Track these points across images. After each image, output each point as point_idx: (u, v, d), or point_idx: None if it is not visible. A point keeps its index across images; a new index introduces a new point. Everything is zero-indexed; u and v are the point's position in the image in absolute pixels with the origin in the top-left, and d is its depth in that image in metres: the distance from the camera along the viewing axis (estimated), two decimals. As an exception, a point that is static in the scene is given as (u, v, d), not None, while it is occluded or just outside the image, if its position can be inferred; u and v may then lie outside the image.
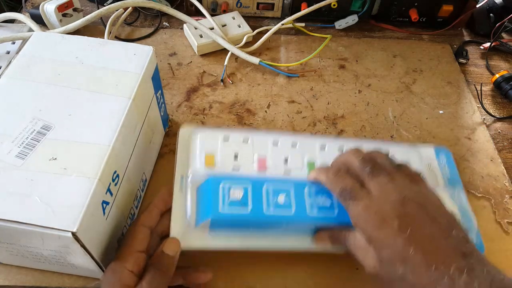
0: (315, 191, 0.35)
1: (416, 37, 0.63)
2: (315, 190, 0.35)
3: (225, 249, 0.35)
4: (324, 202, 0.34)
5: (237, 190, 0.34)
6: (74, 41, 0.37)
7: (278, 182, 0.35)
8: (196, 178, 0.36)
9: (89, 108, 0.33)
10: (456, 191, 0.41)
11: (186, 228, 0.34)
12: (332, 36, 0.59)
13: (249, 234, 0.35)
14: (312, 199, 0.34)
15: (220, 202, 0.33)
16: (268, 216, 0.33)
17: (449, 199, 0.40)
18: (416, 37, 0.63)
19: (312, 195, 0.35)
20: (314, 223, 0.35)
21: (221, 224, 0.34)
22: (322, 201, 0.34)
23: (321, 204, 0.34)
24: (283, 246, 0.36)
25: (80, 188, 0.28)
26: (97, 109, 0.33)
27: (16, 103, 0.32)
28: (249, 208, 0.33)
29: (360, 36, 0.62)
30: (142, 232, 0.32)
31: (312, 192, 0.35)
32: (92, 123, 0.32)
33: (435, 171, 0.42)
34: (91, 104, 0.33)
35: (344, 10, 0.61)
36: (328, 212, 0.34)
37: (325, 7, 0.59)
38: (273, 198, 0.34)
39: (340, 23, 0.61)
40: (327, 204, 0.34)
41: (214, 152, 0.37)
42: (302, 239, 0.36)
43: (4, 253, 0.32)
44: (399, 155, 0.37)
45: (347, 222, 0.32)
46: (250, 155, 0.37)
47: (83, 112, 0.32)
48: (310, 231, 0.36)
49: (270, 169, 0.37)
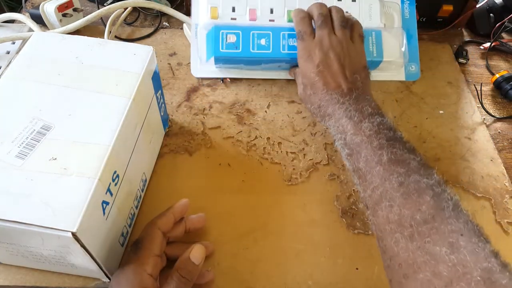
0: (288, 35, 0.49)
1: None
2: (288, 34, 0.49)
3: (226, 77, 0.52)
4: (293, 43, 0.48)
5: (231, 36, 0.48)
6: (74, 41, 0.37)
7: (262, 29, 0.49)
8: (204, 27, 0.49)
9: (89, 108, 0.33)
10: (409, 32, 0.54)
11: (199, 62, 0.51)
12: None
13: (244, 67, 0.51)
14: (285, 41, 0.48)
15: (220, 44, 0.48)
16: (253, 54, 0.48)
17: (404, 38, 0.53)
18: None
19: (285, 38, 0.49)
20: (285, 59, 0.49)
21: (221, 60, 0.49)
22: (292, 42, 0.48)
23: (291, 44, 0.48)
24: (269, 76, 0.52)
25: (80, 188, 0.28)
26: (97, 109, 0.33)
27: (16, 103, 0.32)
28: (240, 48, 0.48)
29: (360, 36, 0.62)
30: (159, 237, 0.33)
31: (285, 35, 0.49)
32: (92, 123, 0.32)
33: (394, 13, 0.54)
34: (91, 104, 0.33)
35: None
36: (296, 50, 0.46)
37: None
38: (257, 41, 0.48)
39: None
40: (296, 44, 0.46)
41: (217, 4, 0.49)
42: (281, 73, 0.52)
43: (4, 253, 0.32)
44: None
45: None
46: (244, 7, 0.50)
47: (83, 112, 0.32)
48: (287, 67, 0.51)
49: (259, 18, 0.50)
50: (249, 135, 0.47)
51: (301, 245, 0.39)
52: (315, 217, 0.41)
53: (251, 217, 0.41)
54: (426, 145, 0.48)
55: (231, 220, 0.40)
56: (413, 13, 0.56)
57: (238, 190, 0.42)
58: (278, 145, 0.47)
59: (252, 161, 0.45)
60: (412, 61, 0.55)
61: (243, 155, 0.45)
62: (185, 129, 0.47)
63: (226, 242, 0.39)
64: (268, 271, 0.37)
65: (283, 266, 0.38)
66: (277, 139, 0.47)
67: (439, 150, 0.48)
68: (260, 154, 0.46)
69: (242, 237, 0.39)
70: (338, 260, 0.38)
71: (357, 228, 0.41)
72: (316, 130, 0.49)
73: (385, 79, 0.55)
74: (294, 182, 0.44)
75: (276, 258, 0.38)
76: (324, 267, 0.38)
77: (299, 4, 0.50)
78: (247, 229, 0.40)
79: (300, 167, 0.45)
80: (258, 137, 0.47)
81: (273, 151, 0.46)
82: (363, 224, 0.41)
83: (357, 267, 0.38)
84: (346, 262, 0.38)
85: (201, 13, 0.50)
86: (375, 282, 0.37)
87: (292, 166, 0.45)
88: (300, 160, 0.45)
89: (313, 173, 0.44)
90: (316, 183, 0.44)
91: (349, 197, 0.43)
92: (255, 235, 0.39)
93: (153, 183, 0.42)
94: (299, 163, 0.45)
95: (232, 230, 0.39)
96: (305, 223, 0.41)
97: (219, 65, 0.51)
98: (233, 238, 0.39)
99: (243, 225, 0.40)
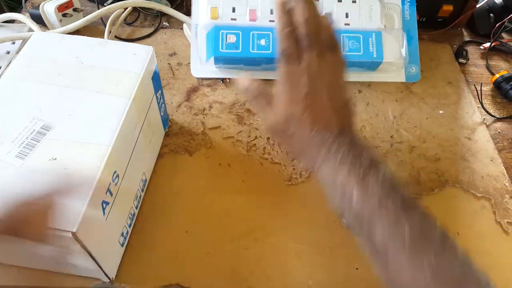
0: None
1: (416, 37, 0.63)
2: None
3: (226, 77, 0.52)
4: None
5: (231, 36, 0.48)
6: (74, 41, 0.37)
7: (262, 29, 0.49)
8: (205, 27, 0.50)
9: (89, 108, 0.33)
10: (410, 33, 0.55)
11: (199, 62, 0.51)
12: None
13: (244, 68, 0.51)
14: None
15: (220, 45, 0.48)
16: (253, 54, 0.48)
17: (404, 40, 0.53)
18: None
19: None
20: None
21: (221, 60, 0.49)
22: None
23: None
24: (269, 76, 0.51)
25: (80, 188, 0.28)
26: (97, 109, 0.33)
27: (16, 103, 0.32)
28: (240, 48, 0.48)
29: (360, 36, 0.62)
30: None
31: None
32: (92, 123, 0.32)
33: (394, 14, 0.54)
34: (91, 104, 0.33)
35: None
36: None
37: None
38: (257, 41, 0.48)
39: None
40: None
41: (217, 5, 0.49)
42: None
43: (4, 253, 0.32)
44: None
45: None
46: (244, 7, 0.50)
47: (83, 112, 0.32)
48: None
49: (259, 19, 0.49)
50: (249, 135, 0.47)
51: (301, 245, 0.39)
52: (315, 217, 0.41)
53: (251, 217, 0.41)
54: (426, 145, 0.48)
55: (231, 220, 0.40)
56: (413, 14, 0.56)
57: (238, 190, 0.42)
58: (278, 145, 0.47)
59: (252, 161, 0.45)
60: (412, 62, 0.55)
61: (243, 155, 0.45)
62: (185, 129, 0.47)
63: (226, 242, 0.39)
64: (268, 271, 0.37)
65: (283, 266, 0.38)
66: (277, 139, 0.47)
67: (439, 150, 0.48)
68: (260, 154, 0.46)
69: (242, 237, 0.39)
70: (338, 260, 0.38)
71: (357, 228, 0.41)
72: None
73: (385, 80, 0.55)
74: (294, 182, 0.44)
75: (276, 258, 0.38)
76: (324, 267, 0.38)
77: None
78: (247, 229, 0.40)
79: (300, 167, 0.45)
80: (258, 137, 0.47)
81: (273, 151, 0.46)
82: (363, 224, 0.41)
83: (357, 267, 0.38)
84: (346, 262, 0.38)
85: (201, 13, 0.50)
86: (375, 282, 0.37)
87: (292, 166, 0.45)
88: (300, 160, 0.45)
89: (313, 173, 0.44)
90: (316, 183, 0.44)
91: (349, 197, 0.43)
92: (255, 235, 0.39)
93: (153, 183, 0.42)
94: (299, 163, 0.45)
95: (232, 230, 0.39)
96: (305, 223, 0.41)
97: (219, 65, 0.51)
98: (233, 238, 0.39)
99: (243, 225, 0.40)
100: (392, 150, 0.47)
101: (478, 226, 0.42)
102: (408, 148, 0.48)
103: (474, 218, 0.42)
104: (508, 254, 0.40)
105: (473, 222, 0.42)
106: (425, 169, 0.46)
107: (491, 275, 0.37)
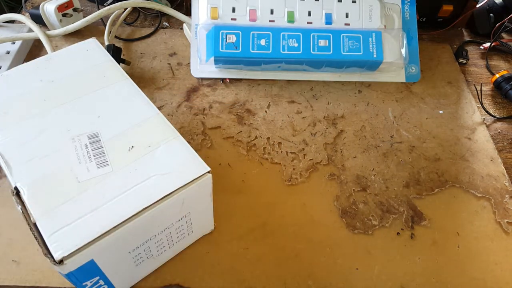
0: (288, 35, 0.48)
1: (416, 37, 0.63)
2: (287, 34, 0.48)
3: (226, 77, 0.52)
4: (293, 43, 0.48)
5: (231, 36, 0.48)
6: (22, 72, 0.34)
7: (262, 29, 0.48)
8: (204, 27, 0.49)
9: (105, 102, 0.33)
10: (410, 33, 0.55)
11: (199, 63, 0.51)
12: (332, 36, 0.59)
13: (244, 68, 0.51)
14: (285, 42, 0.48)
15: (220, 45, 0.48)
16: (253, 54, 0.48)
17: (404, 40, 0.53)
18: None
19: (285, 38, 0.48)
20: (285, 59, 0.49)
21: (221, 60, 0.49)
22: (292, 42, 0.48)
23: (291, 45, 0.48)
24: (269, 76, 0.52)
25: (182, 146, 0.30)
26: (113, 100, 0.33)
27: (44, 135, 0.30)
28: (240, 48, 0.48)
29: (360, 36, 0.62)
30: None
31: (285, 36, 0.49)
32: (125, 109, 0.32)
33: (394, 15, 0.54)
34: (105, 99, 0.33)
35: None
36: (295, 51, 0.48)
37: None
38: (257, 41, 0.48)
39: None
40: (296, 45, 0.48)
41: (217, 5, 0.49)
42: (281, 73, 0.52)
43: (127, 269, 0.31)
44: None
45: (308, 58, 0.49)
46: (244, 7, 0.49)
47: (105, 108, 0.32)
48: (287, 67, 0.51)
49: (259, 19, 0.49)
50: (249, 135, 0.47)
51: (301, 245, 0.39)
52: (315, 217, 0.41)
53: (251, 217, 0.41)
54: (426, 145, 0.48)
55: (231, 220, 0.40)
56: (413, 14, 0.56)
57: (238, 190, 0.42)
58: (278, 145, 0.47)
59: (252, 161, 0.45)
60: (412, 62, 0.55)
61: (243, 155, 0.45)
62: (185, 129, 0.47)
63: (226, 242, 0.39)
64: (268, 271, 0.37)
65: (283, 266, 0.38)
66: (277, 139, 0.47)
67: (439, 150, 0.48)
68: (260, 154, 0.46)
69: (242, 237, 0.39)
70: (338, 260, 0.38)
71: (357, 228, 0.41)
72: (316, 130, 0.49)
73: (385, 80, 0.55)
74: (294, 182, 0.44)
75: (276, 258, 0.38)
76: (324, 267, 0.38)
77: (299, 5, 0.51)
78: (247, 229, 0.40)
79: (300, 167, 0.45)
80: (258, 137, 0.47)
81: (273, 151, 0.46)
82: (363, 224, 0.41)
83: (357, 267, 0.38)
84: (346, 262, 0.38)
85: (201, 13, 0.50)
86: (375, 282, 0.37)
87: (292, 166, 0.45)
88: (300, 160, 0.45)
89: (313, 173, 0.45)
90: (316, 183, 0.44)
91: (349, 197, 0.43)
92: (255, 235, 0.39)
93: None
94: (299, 163, 0.45)
95: (232, 230, 0.39)
96: (305, 223, 0.41)
97: (219, 65, 0.51)
98: (233, 238, 0.39)
99: (243, 225, 0.40)
100: (392, 150, 0.47)
101: (478, 226, 0.42)
102: (408, 148, 0.48)
103: (474, 218, 0.42)
104: (508, 254, 0.40)
105: (473, 222, 0.42)
106: (425, 169, 0.46)
107: (491, 275, 0.37)
